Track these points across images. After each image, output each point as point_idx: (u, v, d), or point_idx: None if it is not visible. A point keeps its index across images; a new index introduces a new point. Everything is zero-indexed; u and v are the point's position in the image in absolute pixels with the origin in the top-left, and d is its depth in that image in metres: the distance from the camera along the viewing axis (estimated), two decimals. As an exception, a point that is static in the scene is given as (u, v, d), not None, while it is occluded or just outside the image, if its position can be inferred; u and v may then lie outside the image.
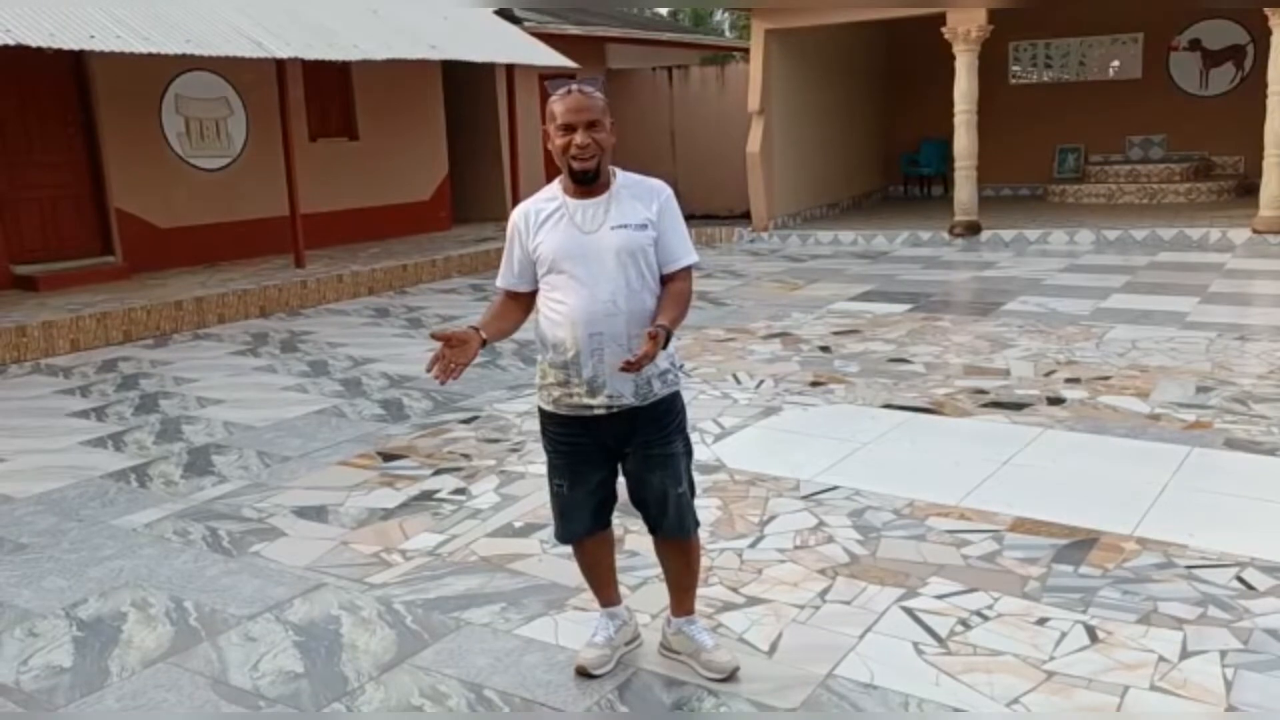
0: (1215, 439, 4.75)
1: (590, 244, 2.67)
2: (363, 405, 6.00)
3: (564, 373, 2.74)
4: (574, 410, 2.76)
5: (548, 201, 2.75)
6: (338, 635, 3.20)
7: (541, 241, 2.71)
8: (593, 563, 3.00)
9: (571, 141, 2.63)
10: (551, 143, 2.68)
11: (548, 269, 2.71)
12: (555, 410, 2.80)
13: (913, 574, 3.49)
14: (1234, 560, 3.47)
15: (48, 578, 3.72)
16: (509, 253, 2.81)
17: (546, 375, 2.79)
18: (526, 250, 2.75)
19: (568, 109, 2.64)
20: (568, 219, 2.70)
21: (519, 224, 2.76)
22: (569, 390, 2.75)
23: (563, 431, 2.81)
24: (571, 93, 2.67)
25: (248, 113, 11.19)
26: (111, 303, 8.46)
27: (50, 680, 3.01)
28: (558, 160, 2.68)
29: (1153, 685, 2.77)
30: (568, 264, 2.68)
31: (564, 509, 2.90)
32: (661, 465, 2.79)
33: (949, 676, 2.85)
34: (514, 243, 2.79)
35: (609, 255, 2.67)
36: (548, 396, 2.81)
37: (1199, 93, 15.18)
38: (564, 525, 2.93)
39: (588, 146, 2.63)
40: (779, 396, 5.79)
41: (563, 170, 2.71)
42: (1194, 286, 8.71)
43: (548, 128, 2.70)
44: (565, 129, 2.64)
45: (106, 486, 4.71)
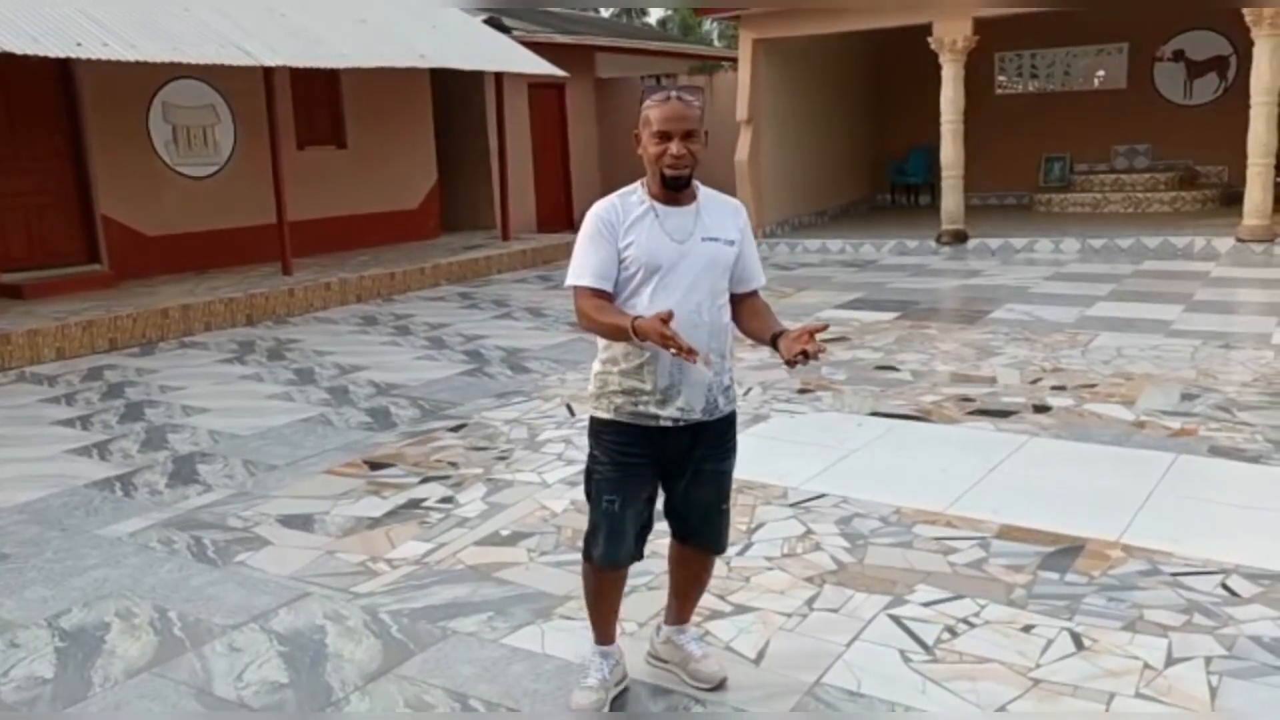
0: (1200, 446, 4.77)
1: (680, 252, 2.58)
2: (350, 413, 5.98)
3: (636, 380, 2.61)
4: (638, 420, 2.63)
5: (637, 203, 2.62)
6: (323, 645, 3.18)
7: (633, 242, 2.58)
8: (610, 594, 2.84)
9: (667, 150, 2.53)
10: (643, 149, 2.60)
11: (635, 271, 2.58)
12: (617, 419, 2.65)
13: (900, 581, 3.49)
14: (1219, 567, 3.49)
15: (30, 588, 3.69)
16: (593, 250, 2.59)
17: (608, 383, 2.65)
18: (616, 249, 2.58)
19: (666, 117, 2.54)
20: (658, 224, 2.59)
21: (608, 219, 2.60)
22: (636, 399, 2.62)
23: (621, 442, 2.66)
24: (670, 100, 2.55)
25: (235, 120, 11.17)
26: (98, 310, 8.42)
27: (32, 691, 2.98)
28: (649, 166, 2.60)
29: (1138, 692, 2.77)
30: (657, 269, 2.57)
31: (615, 528, 2.70)
32: (713, 481, 2.74)
33: (935, 684, 2.85)
34: (599, 240, 2.59)
35: (698, 266, 2.60)
36: (609, 405, 2.66)
37: (1183, 102, 15.30)
38: (612, 546, 2.71)
39: (683, 157, 2.54)
40: (767, 404, 5.80)
41: (651, 176, 2.62)
42: (1179, 294, 8.77)
43: (639, 132, 2.60)
44: (661, 136, 2.54)
45: (91, 495, 4.68)
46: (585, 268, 2.59)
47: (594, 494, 2.72)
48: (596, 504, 2.72)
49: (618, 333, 2.49)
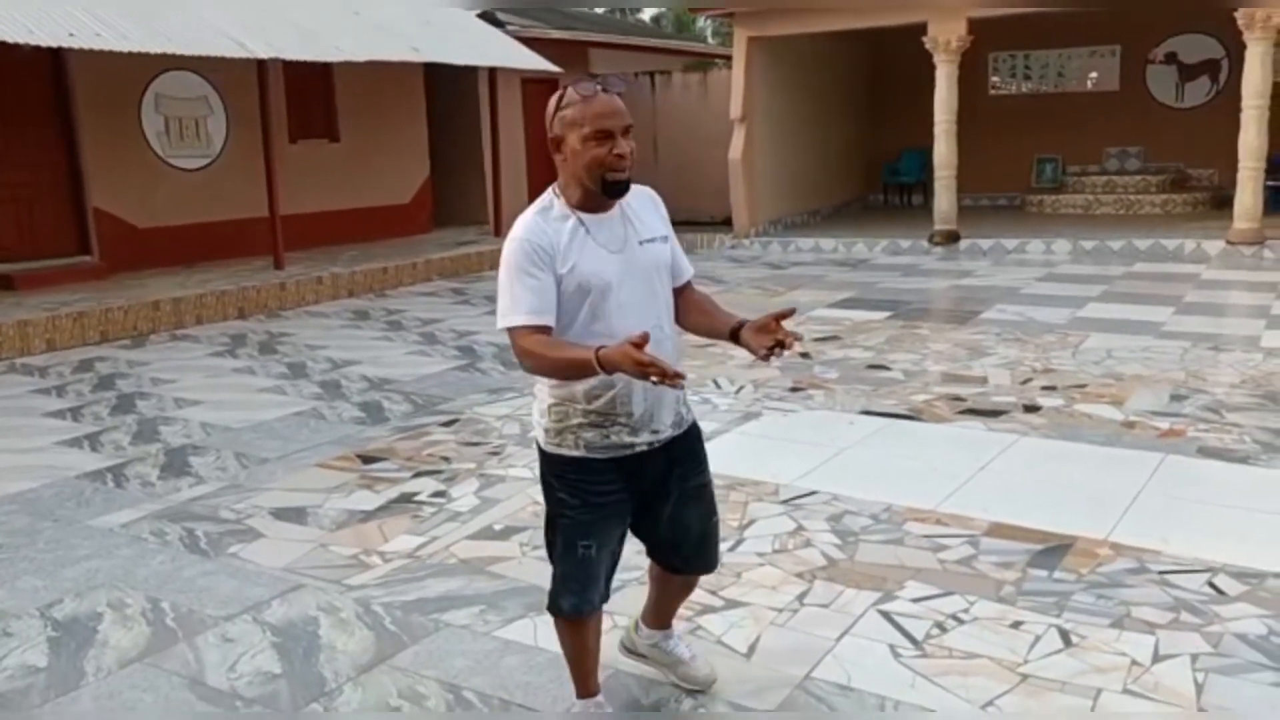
0: (1188, 447, 4.81)
1: (622, 264, 2.33)
2: (342, 407, 5.98)
3: (605, 413, 2.36)
4: (612, 452, 2.39)
5: (560, 220, 2.31)
6: (316, 636, 3.19)
7: (574, 265, 2.27)
8: (592, 643, 2.60)
9: (611, 150, 2.24)
10: (568, 154, 2.28)
11: (585, 296, 2.29)
12: (588, 456, 2.38)
13: (890, 578, 3.51)
14: (1206, 566, 3.52)
15: (22, 578, 3.69)
16: (527, 281, 2.25)
17: (569, 417, 2.37)
18: (553, 276, 2.27)
19: (602, 113, 2.25)
20: (589, 238, 2.30)
21: (541, 246, 2.26)
22: (607, 431, 2.37)
23: (595, 480, 2.40)
24: (599, 94, 2.27)
25: (228, 113, 11.14)
26: (89, 302, 8.40)
27: (25, 680, 2.98)
28: (584, 173, 2.27)
29: (1125, 688, 2.80)
30: (605, 290, 2.30)
31: (590, 574, 2.46)
32: (697, 497, 2.56)
33: (925, 679, 2.88)
34: (532, 268, 2.25)
35: (646, 274, 2.37)
36: (574, 441, 2.38)
37: (1175, 105, 15.38)
38: (585, 595, 2.47)
39: (627, 157, 2.27)
40: (759, 402, 5.82)
41: (581, 184, 2.30)
42: (1169, 296, 8.82)
43: (564, 135, 2.27)
44: (602, 136, 2.24)
45: (82, 486, 4.68)
46: (520, 303, 2.24)
47: (561, 542, 2.45)
48: (567, 552, 2.45)
49: (578, 369, 2.18)
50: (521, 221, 2.33)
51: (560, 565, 2.48)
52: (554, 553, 2.50)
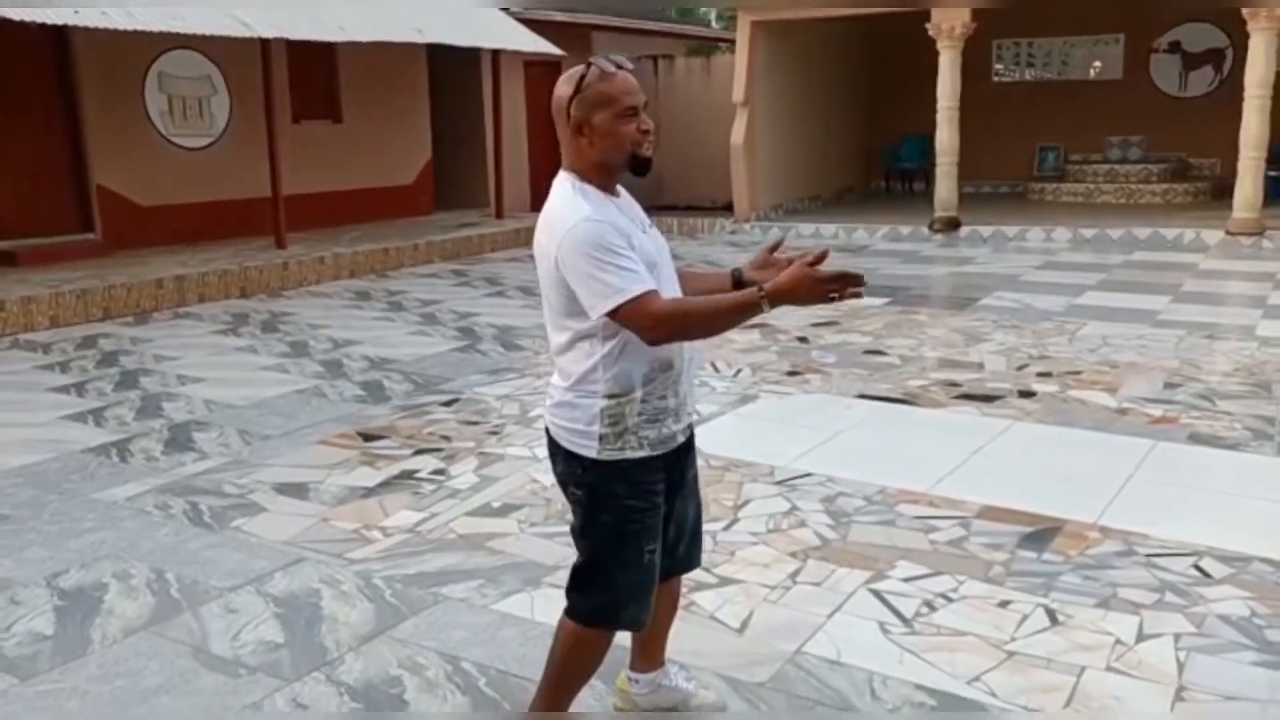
0: (1180, 434, 4.87)
1: (654, 244, 2.28)
2: (343, 386, 6.03)
3: (665, 401, 2.27)
4: (665, 447, 2.30)
5: (603, 202, 2.21)
6: (318, 608, 3.26)
7: (639, 244, 2.19)
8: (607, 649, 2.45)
9: (639, 127, 2.18)
10: (597, 134, 2.18)
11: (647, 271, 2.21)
12: (651, 454, 2.28)
13: (881, 558, 3.57)
14: (1192, 549, 3.58)
15: (29, 548, 3.75)
16: (628, 254, 2.13)
17: (626, 417, 2.23)
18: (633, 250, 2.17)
19: (628, 89, 2.17)
20: (627, 219, 2.24)
21: (615, 224, 2.15)
22: (661, 424, 2.27)
23: (655, 479, 2.30)
24: (620, 71, 2.19)
25: (231, 92, 11.15)
26: (92, 280, 8.44)
27: (32, 647, 3.05)
28: (613, 151, 2.19)
29: (1109, 666, 2.86)
30: (654, 267, 2.23)
31: (653, 581, 2.35)
32: (694, 488, 2.51)
33: (913, 655, 2.94)
34: (624, 243, 2.14)
35: (665, 254, 2.33)
36: (639, 442, 2.25)
37: (1178, 95, 15.37)
38: (647, 603, 2.36)
39: (651, 131, 2.21)
40: (756, 385, 5.87)
41: (614, 163, 2.21)
42: (1166, 285, 8.86)
43: (588, 116, 2.17)
44: (630, 113, 2.17)
45: (87, 461, 4.74)
46: (630, 274, 2.10)
47: (630, 550, 2.29)
48: (634, 560, 2.30)
49: (742, 312, 2.11)
50: (575, 207, 2.16)
51: (623, 575, 2.30)
52: (612, 569, 2.31)
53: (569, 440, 2.28)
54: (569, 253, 2.12)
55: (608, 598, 2.34)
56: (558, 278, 2.18)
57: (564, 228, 2.14)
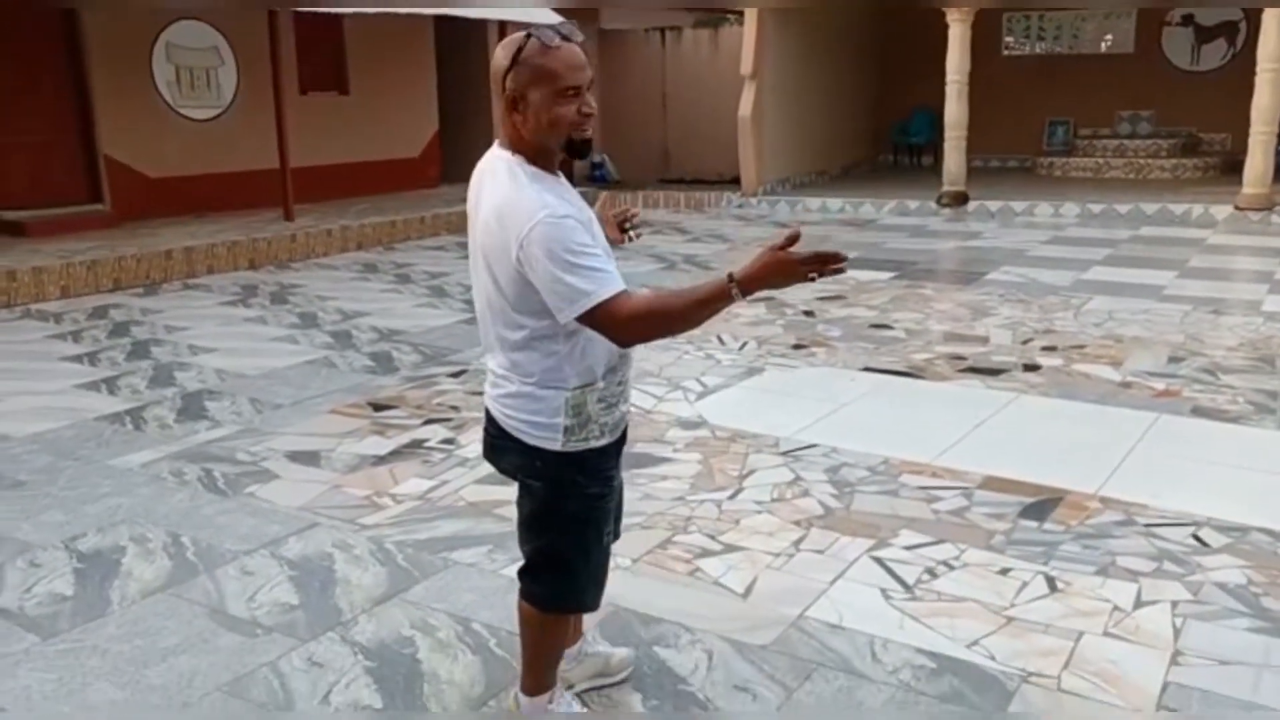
0: (1183, 407, 4.90)
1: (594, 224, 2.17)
2: (352, 357, 6.09)
3: (620, 385, 2.25)
4: (619, 430, 2.29)
5: (556, 187, 2.11)
6: (331, 571, 3.33)
7: (596, 234, 2.11)
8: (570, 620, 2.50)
9: (579, 110, 2.05)
10: (532, 112, 2.04)
11: None
12: (611, 440, 2.26)
13: (884, 527, 3.63)
14: (1191, 520, 3.63)
15: (46, 512, 3.83)
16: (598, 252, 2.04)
17: (586, 406, 2.17)
18: None
19: (569, 67, 2.03)
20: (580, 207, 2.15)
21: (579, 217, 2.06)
22: (614, 408, 2.24)
23: (611, 465, 2.30)
24: (564, 46, 2.04)
25: (238, 63, 11.15)
26: (102, 250, 8.49)
27: (52, 607, 3.12)
28: (548, 131, 2.06)
29: (1106, 631, 2.92)
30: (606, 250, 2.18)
31: (606, 560, 2.37)
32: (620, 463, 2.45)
33: (914, 620, 3.00)
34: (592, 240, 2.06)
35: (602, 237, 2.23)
36: (601, 430, 2.22)
37: (1190, 68, 15.27)
38: (602, 584, 2.39)
39: (593, 115, 2.09)
40: (762, 358, 5.91)
41: (548, 144, 2.08)
42: (1173, 261, 8.86)
43: (527, 92, 2.03)
44: (570, 93, 2.03)
45: (101, 428, 4.81)
46: (604, 275, 2.01)
47: (593, 537, 2.29)
48: (594, 545, 2.30)
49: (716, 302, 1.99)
50: (534, 198, 2.02)
51: (584, 563, 2.30)
52: (573, 556, 2.29)
53: (527, 434, 2.18)
54: (533, 252, 1.99)
55: (570, 584, 2.32)
56: (516, 274, 2.04)
57: (527, 223, 1.99)
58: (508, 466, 2.31)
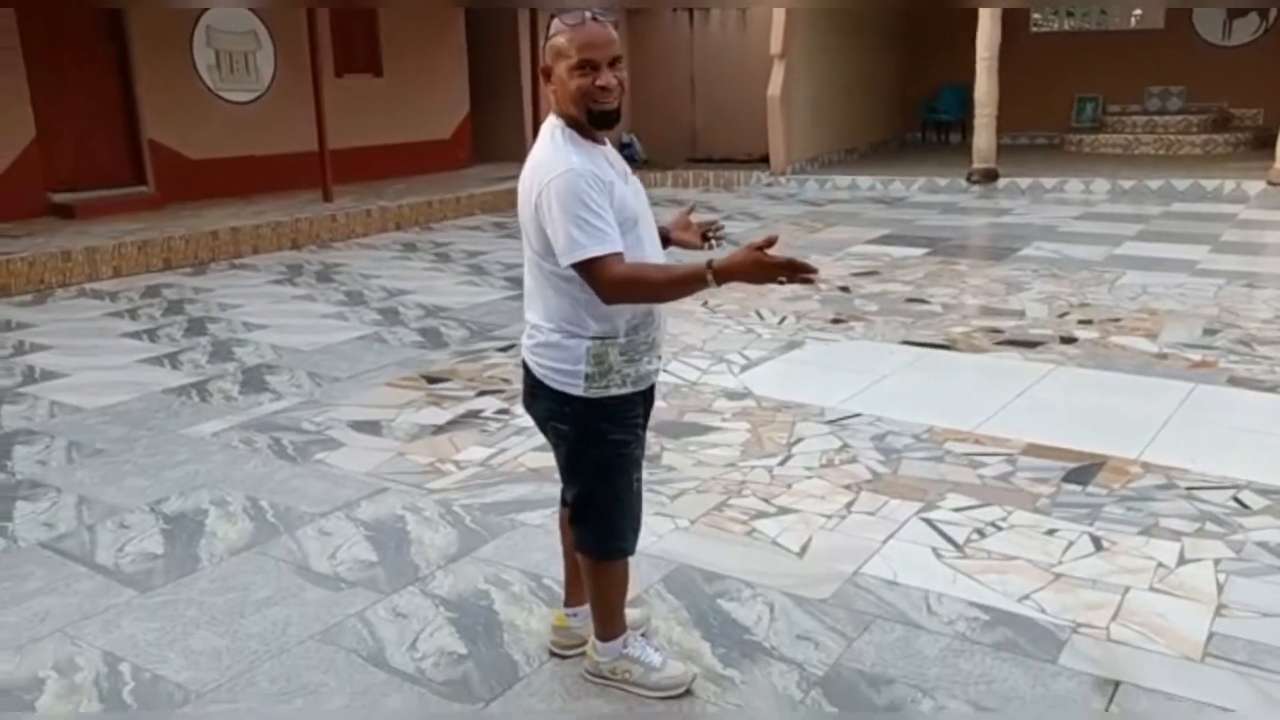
0: (1219, 377, 4.99)
1: (635, 192, 2.37)
2: (402, 333, 6.26)
3: (645, 341, 2.40)
4: (644, 383, 2.44)
5: (589, 150, 2.29)
6: (404, 531, 3.49)
7: (622, 194, 2.28)
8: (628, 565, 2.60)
9: (594, 82, 2.24)
10: (557, 85, 2.28)
11: (629, 225, 2.30)
12: (634, 390, 2.41)
13: (931, 490, 3.76)
14: (1231, 483, 3.74)
15: (128, 479, 4.02)
16: (602, 210, 2.21)
17: (607, 358, 2.34)
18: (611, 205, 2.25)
19: (587, 43, 2.23)
20: (611, 168, 2.32)
21: (599, 176, 2.23)
22: (639, 363, 2.40)
23: (637, 414, 2.46)
24: (587, 23, 2.25)
25: (276, 46, 11.31)
26: (150, 231, 8.70)
27: (146, 564, 3.30)
28: (571, 103, 2.26)
29: (1151, 587, 3.04)
30: (636, 219, 2.33)
31: (641, 505, 2.53)
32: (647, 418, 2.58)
33: (965, 576, 3.13)
34: (603, 199, 2.22)
35: (646, 205, 2.42)
36: (622, 379, 2.37)
37: (1221, 43, 15.17)
38: (638, 529, 2.54)
39: (613, 88, 2.26)
40: (801, 332, 6.03)
41: (575, 115, 2.28)
42: (1206, 236, 8.89)
43: (553, 66, 2.27)
44: (585, 66, 2.23)
45: (169, 400, 5.00)
46: (599, 233, 2.19)
47: (623, 483, 2.45)
48: (628, 490, 2.46)
49: (690, 284, 2.19)
50: (558, 154, 2.25)
51: (619, 508, 2.46)
52: (607, 502, 2.46)
53: (555, 380, 2.37)
54: (549, 200, 2.21)
55: (610, 530, 2.48)
56: (536, 221, 2.27)
57: (549, 175, 2.22)
58: (540, 413, 2.50)
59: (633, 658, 2.60)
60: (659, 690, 2.56)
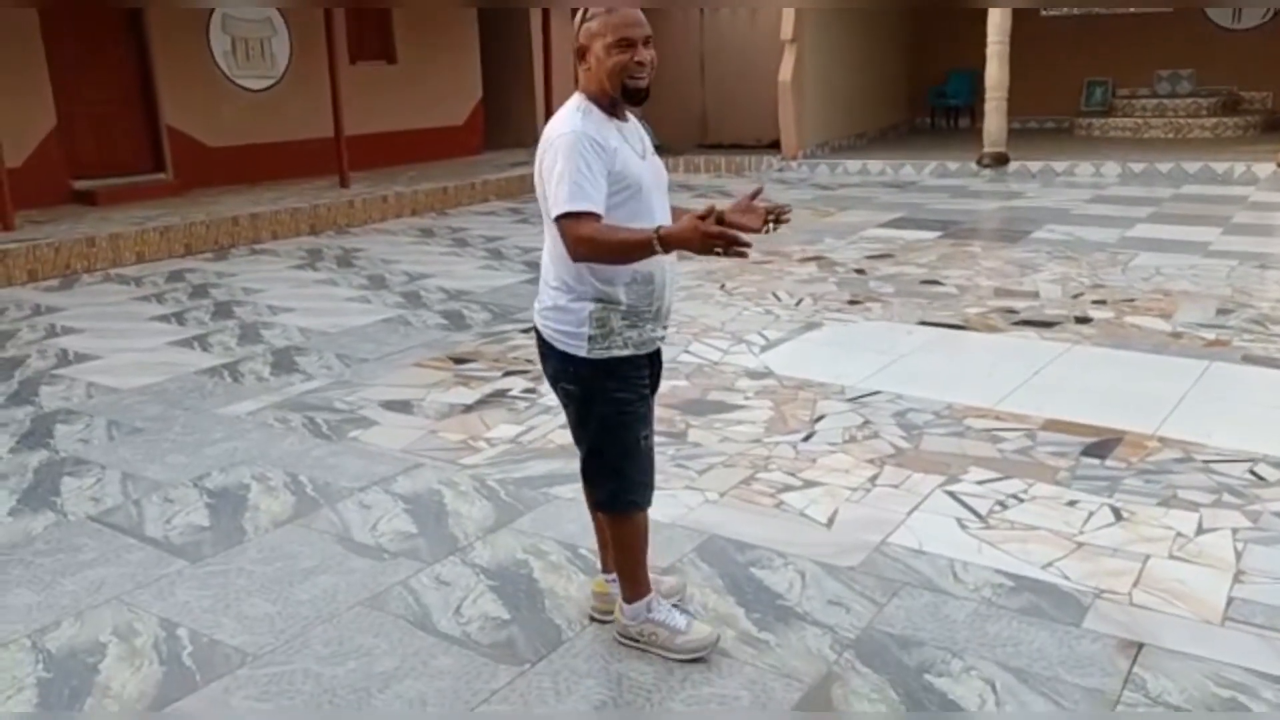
0: (1233, 355, 5.07)
1: (648, 169, 2.52)
2: (425, 315, 6.36)
3: (645, 308, 2.53)
4: (647, 348, 2.58)
5: (602, 121, 2.45)
6: (442, 505, 3.60)
7: (624, 163, 2.43)
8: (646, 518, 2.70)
9: (633, 58, 2.39)
10: (592, 64, 2.43)
11: (630, 194, 2.44)
12: (636, 354, 2.55)
13: (953, 464, 3.85)
14: (1248, 457, 3.82)
15: (169, 455, 4.12)
16: (590, 171, 2.35)
17: (609, 322, 2.49)
18: (609, 172, 2.39)
19: (625, 23, 2.40)
20: (624, 141, 2.47)
21: (598, 141, 2.39)
22: (642, 328, 2.54)
23: (640, 374, 2.58)
24: (619, 8, 2.43)
25: (291, 33, 11.38)
26: (172, 217, 8.81)
27: (194, 536, 3.41)
28: (607, 80, 2.42)
29: (1171, 555, 3.13)
30: (639, 189, 2.46)
31: (653, 463, 2.65)
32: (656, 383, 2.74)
33: (990, 545, 3.22)
34: (596, 161, 2.36)
35: (660, 181, 2.58)
36: (622, 342, 2.51)
37: (1230, 26, 15.16)
38: (652, 483, 2.66)
39: (647, 65, 2.43)
40: (819, 313, 6.11)
41: (609, 91, 2.44)
42: (1217, 218, 8.95)
43: (589, 44, 2.42)
44: (624, 44, 2.39)
45: (202, 381, 5.11)
46: (583, 191, 2.34)
47: (627, 440, 2.58)
48: (634, 448, 2.58)
49: (637, 249, 2.32)
50: (568, 120, 2.42)
51: (628, 463, 2.59)
52: (616, 457, 2.58)
53: (561, 341, 2.53)
54: (552, 158, 2.39)
55: (620, 484, 2.60)
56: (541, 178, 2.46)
57: (555, 134, 2.40)
58: (550, 372, 2.65)
59: (658, 621, 2.69)
60: (684, 652, 2.66)
